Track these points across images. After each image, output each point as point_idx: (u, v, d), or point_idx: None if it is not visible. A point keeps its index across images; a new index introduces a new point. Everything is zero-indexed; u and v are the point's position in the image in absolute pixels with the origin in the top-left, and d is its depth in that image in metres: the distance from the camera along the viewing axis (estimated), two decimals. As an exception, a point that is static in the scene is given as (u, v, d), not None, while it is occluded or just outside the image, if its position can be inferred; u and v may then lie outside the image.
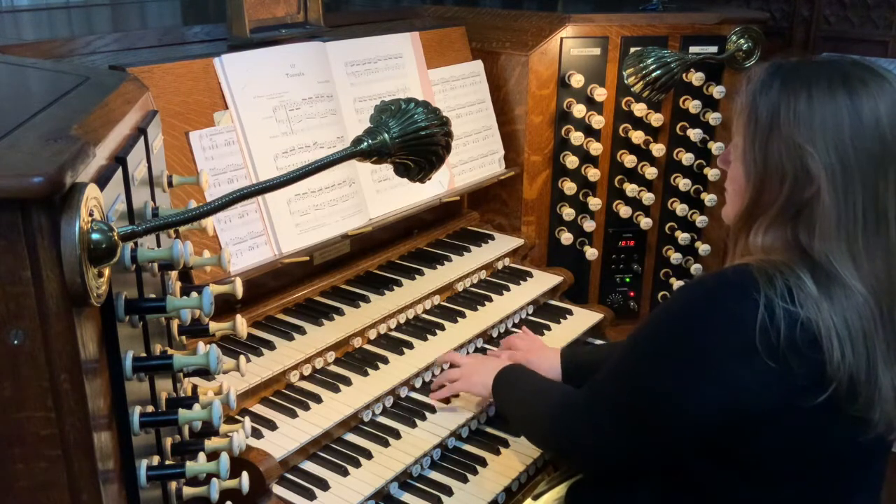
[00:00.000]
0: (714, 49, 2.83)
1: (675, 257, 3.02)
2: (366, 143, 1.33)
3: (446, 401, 2.13)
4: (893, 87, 1.42)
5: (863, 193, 1.37)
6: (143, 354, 1.23)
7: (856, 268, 1.37)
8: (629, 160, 2.89)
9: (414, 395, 2.18)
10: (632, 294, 3.07)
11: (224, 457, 1.34)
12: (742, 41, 2.82)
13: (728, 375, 1.38)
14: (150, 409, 1.25)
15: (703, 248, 2.98)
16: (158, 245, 1.37)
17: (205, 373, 1.29)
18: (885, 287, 1.39)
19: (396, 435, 2.02)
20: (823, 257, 1.37)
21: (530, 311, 2.62)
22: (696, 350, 1.41)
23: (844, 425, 1.41)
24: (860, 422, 1.40)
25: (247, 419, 1.57)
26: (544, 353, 2.23)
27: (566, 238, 2.92)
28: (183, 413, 1.26)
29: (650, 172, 2.89)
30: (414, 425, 2.06)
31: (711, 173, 2.90)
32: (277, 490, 1.82)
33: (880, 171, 1.38)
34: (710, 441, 1.45)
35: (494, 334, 2.48)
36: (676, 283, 3.00)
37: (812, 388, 1.35)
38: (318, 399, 2.02)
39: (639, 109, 2.83)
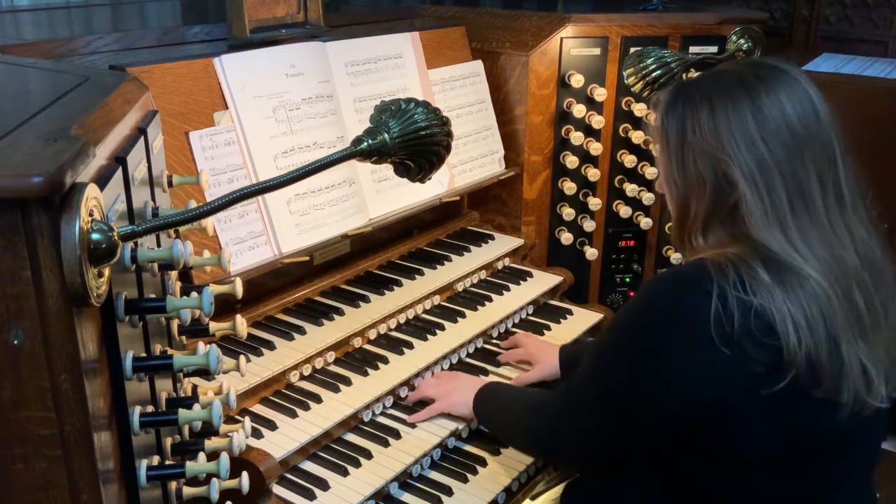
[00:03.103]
0: (714, 49, 2.83)
1: (675, 257, 3.02)
2: (366, 143, 1.33)
3: None
4: (792, 75, 1.48)
5: (783, 183, 1.42)
6: (143, 354, 1.23)
7: (798, 254, 1.40)
8: (629, 160, 2.89)
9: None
10: (632, 294, 3.06)
11: (224, 457, 1.34)
12: (742, 41, 2.81)
13: (688, 367, 1.41)
14: (150, 409, 1.25)
15: (703, 248, 2.98)
16: (158, 245, 1.37)
17: (205, 373, 1.29)
18: (834, 267, 1.42)
19: (396, 435, 2.02)
20: (765, 247, 1.41)
21: (530, 311, 2.62)
22: (656, 344, 1.44)
23: (813, 410, 1.42)
24: (829, 404, 1.40)
25: (247, 419, 1.57)
26: (548, 350, 2.27)
27: (566, 238, 2.92)
28: (183, 413, 1.26)
29: (650, 172, 2.90)
30: (414, 425, 2.06)
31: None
32: (277, 490, 1.82)
33: (796, 158, 1.43)
34: (685, 434, 1.47)
35: (494, 334, 2.48)
36: (676, 283, 3.00)
37: (771, 375, 1.37)
38: (318, 399, 2.02)
39: (639, 109, 2.84)
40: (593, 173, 2.85)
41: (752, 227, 1.43)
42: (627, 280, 3.05)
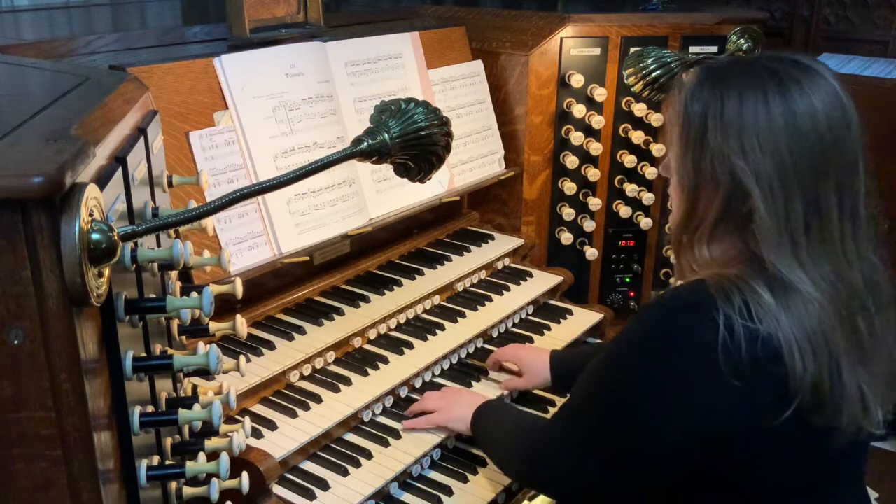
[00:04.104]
0: (714, 49, 2.83)
1: (676, 257, 3.01)
2: (366, 143, 1.33)
3: None
4: (827, 79, 1.37)
5: (803, 199, 1.34)
6: (143, 354, 1.23)
7: (806, 274, 1.34)
8: (629, 160, 2.89)
9: (414, 395, 2.18)
10: (632, 294, 3.07)
11: (224, 457, 1.34)
12: (742, 41, 2.81)
13: (696, 399, 1.35)
14: (150, 409, 1.25)
15: (703, 248, 2.97)
16: (158, 245, 1.37)
17: (205, 373, 1.29)
18: (839, 289, 1.36)
19: (396, 435, 2.02)
20: (773, 266, 1.34)
21: (530, 311, 2.62)
22: (661, 376, 1.38)
23: (814, 437, 1.38)
24: (829, 430, 1.36)
25: (247, 419, 1.57)
26: (538, 355, 2.23)
27: (566, 238, 2.92)
28: (183, 413, 1.26)
29: (650, 172, 2.90)
30: (414, 425, 2.07)
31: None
32: (277, 490, 1.82)
33: (820, 173, 1.34)
34: (686, 464, 1.42)
35: (494, 334, 2.48)
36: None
37: (777, 405, 1.32)
38: (318, 399, 2.02)
39: (639, 109, 2.84)
40: (593, 173, 2.85)
41: (762, 241, 1.34)
42: (627, 280, 3.05)
